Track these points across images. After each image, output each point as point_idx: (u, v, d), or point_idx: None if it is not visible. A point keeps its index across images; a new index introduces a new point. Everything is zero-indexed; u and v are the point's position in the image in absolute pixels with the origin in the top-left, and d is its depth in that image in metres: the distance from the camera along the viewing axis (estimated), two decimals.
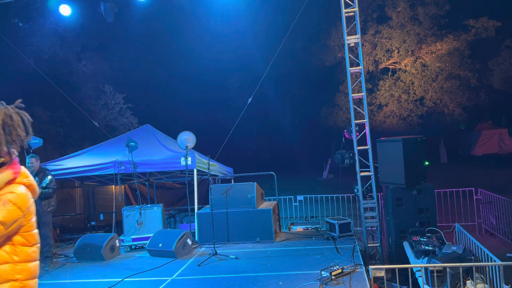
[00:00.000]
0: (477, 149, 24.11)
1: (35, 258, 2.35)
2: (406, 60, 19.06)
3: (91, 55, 17.96)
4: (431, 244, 5.69)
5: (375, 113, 19.78)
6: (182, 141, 8.09)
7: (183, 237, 6.95)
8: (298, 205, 10.91)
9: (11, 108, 2.31)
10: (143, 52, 22.56)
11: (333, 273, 5.12)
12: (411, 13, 18.05)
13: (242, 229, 7.45)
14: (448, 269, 4.41)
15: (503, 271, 4.19)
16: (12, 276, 2.21)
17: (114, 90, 18.14)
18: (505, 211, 8.90)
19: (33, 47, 14.93)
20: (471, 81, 18.62)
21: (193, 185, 8.36)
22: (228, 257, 6.51)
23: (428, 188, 6.87)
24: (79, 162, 8.77)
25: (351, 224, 7.54)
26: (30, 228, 2.32)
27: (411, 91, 19.05)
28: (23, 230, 2.28)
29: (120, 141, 9.44)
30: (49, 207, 6.86)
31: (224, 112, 23.41)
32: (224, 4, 10.43)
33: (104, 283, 5.67)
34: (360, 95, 7.79)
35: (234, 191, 7.61)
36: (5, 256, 2.21)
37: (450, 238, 6.75)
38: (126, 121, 18.36)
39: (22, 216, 2.25)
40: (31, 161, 6.85)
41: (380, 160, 7.27)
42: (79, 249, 7.10)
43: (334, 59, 20.30)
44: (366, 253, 7.22)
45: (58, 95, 12.26)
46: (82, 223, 10.76)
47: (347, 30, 7.62)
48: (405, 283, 5.23)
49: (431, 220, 6.77)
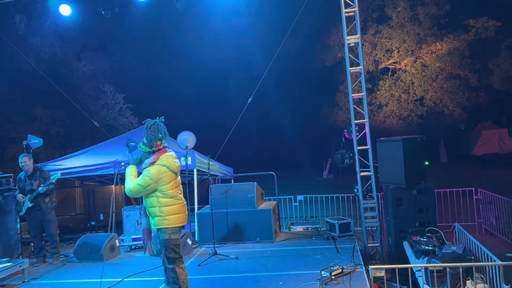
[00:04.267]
0: (477, 149, 24.12)
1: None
2: (406, 60, 19.05)
3: (91, 55, 17.96)
4: (431, 244, 5.69)
5: (375, 113, 19.77)
6: (182, 141, 8.09)
7: (183, 237, 6.95)
8: (298, 205, 10.91)
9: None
10: (143, 52, 22.57)
11: (333, 273, 5.12)
12: (411, 13, 18.04)
13: (242, 229, 7.46)
14: (448, 269, 4.41)
15: (503, 271, 4.19)
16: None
17: (114, 90, 18.15)
18: (505, 211, 8.90)
19: (33, 47, 14.93)
20: (471, 81, 18.61)
21: (193, 185, 8.36)
22: (228, 257, 6.52)
23: (428, 188, 6.87)
24: (79, 162, 8.77)
25: (351, 224, 7.54)
26: (166, 189, 4.39)
27: (411, 91, 19.04)
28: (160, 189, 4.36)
29: (120, 141, 9.43)
30: (51, 204, 7.04)
31: (224, 112, 23.38)
32: (225, 4, 10.44)
33: (104, 283, 5.67)
34: (360, 95, 7.79)
35: (234, 191, 7.61)
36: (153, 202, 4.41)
37: (450, 238, 6.75)
38: (126, 121, 18.38)
39: (153, 182, 4.32)
40: (24, 160, 6.93)
41: (380, 160, 7.28)
42: (79, 249, 7.10)
43: (334, 59, 20.29)
44: (366, 253, 7.22)
45: (58, 95, 12.26)
46: (82, 223, 10.75)
47: (347, 30, 7.62)
48: (405, 283, 5.23)
49: (431, 220, 6.77)
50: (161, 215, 4.36)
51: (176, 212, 4.42)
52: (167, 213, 4.36)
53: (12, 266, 5.87)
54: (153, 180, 4.30)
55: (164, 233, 4.36)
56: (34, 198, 6.86)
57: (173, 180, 4.45)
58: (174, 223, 4.39)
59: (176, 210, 4.42)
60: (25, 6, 9.02)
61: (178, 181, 4.59)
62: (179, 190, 4.56)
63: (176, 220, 4.41)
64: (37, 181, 6.89)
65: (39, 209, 6.89)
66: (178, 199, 4.47)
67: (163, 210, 4.36)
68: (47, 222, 6.95)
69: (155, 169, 4.32)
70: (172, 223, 4.38)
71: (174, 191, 4.45)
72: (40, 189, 6.79)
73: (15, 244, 7.23)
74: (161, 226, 4.37)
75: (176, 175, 4.52)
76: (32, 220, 6.99)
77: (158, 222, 4.38)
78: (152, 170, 4.32)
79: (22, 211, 6.99)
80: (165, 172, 4.35)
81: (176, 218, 4.41)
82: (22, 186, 6.95)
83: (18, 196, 6.93)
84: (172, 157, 4.46)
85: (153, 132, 4.43)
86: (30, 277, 6.15)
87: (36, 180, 6.90)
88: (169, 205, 4.38)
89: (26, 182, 6.93)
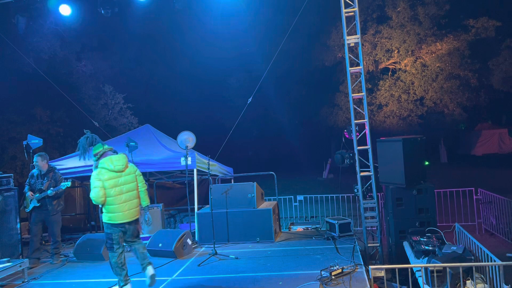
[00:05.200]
0: (477, 149, 24.14)
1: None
2: (406, 60, 19.04)
3: (91, 55, 17.94)
4: (431, 244, 5.70)
5: (375, 113, 19.77)
6: (182, 141, 8.09)
7: (183, 237, 6.95)
8: (298, 205, 10.91)
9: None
10: (143, 51, 22.56)
11: (333, 273, 5.12)
12: (411, 13, 18.04)
13: (242, 229, 7.45)
14: (448, 269, 4.41)
15: (503, 271, 4.19)
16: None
17: (114, 90, 18.13)
18: (505, 211, 8.90)
19: (33, 47, 14.93)
20: (471, 81, 18.61)
21: (193, 185, 8.35)
22: (228, 257, 6.52)
23: (428, 188, 6.87)
24: (79, 162, 8.72)
25: (351, 224, 7.54)
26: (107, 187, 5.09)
27: (411, 91, 19.04)
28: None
29: (120, 141, 9.42)
30: (58, 206, 7.07)
31: (224, 112, 23.38)
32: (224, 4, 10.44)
33: (104, 283, 5.67)
34: (360, 95, 7.79)
35: (234, 191, 7.61)
36: None
37: (450, 238, 6.75)
38: (126, 121, 18.35)
39: (101, 181, 5.07)
40: (36, 160, 6.91)
41: (380, 160, 7.28)
42: (79, 249, 7.11)
43: (334, 59, 20.29)
44: (366, 253, 7.22)
45: (58, 95, 12.25)
46: (82, 223, 10.76)
47: (347, 30, 7.62)
48: (405, 283, 5.23)
49: (431, 220, 6.78)
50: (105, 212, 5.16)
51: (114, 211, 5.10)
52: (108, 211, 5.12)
53: (12, 266, 5.88)
54: (98, 179, 5.03)
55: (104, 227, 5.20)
56: (42, 199, 6.86)
57: (113, 179, 5.08)
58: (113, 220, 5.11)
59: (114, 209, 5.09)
60: (25, 6, 9.02)
61: (123, 180, 5.16)
62: (121, 191, 5.14)
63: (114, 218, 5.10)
64: (48, 182, 6.89)
65: (45, 209, 6.90)
66: (116, 199, 5.07)
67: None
68: (51, 223, 6.97)
69: (97, 171, 5.11)
70: (111, 220, 5.10)
71: (115, 190, 5.09)
72: (49, 192, 6.79)
73: (15, 244, 7.22)
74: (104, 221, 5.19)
75: (118, 175, 5.14)
76: (35, 218, 6.97)
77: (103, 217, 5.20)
78: (94, 172, 5.13)
79: (29, 207, 6.97)
80: (106, 173, 5.07)
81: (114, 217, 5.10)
82: (33, 183, 6.96)
83: (28, 192, 6.92)
84: (111, 159, 5.14)
85: (91, 144, 5.28)
86: (30, 277, 6.15)
87: (47, 181, 6.90)
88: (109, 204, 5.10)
89: (38, 180, 6.93)
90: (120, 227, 5.12)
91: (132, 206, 5.18)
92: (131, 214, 5.17)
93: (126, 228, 5.16)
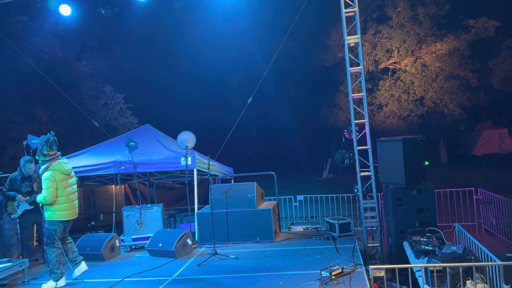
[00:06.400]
0: (477, 149, 24.10)
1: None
2: (406, 60, 19.05)
3: (91, 55, 17.96)
4: (431, 244, 5.70)
5: (375, 113, 19.78)
6: (182, 141, 8.09)
7: (183, 237, 6.95)
8: (298, 205, 10.92)
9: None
10: (143, 51, 22.56)
11: (333, 273, 5.12)
12: (411, 13, 18.05)
13: (242, 229, 7.45)
14: (448, 269, 4.41)
15: (503, 271, 4.19)
16: None
17: (114, 90, 18.14)
18: (505, 211, 8.91)
19: (33, 47, 14.93)
20: (471, 81, 18.61)
21: (193, 185, 8.35)
22: (228, 257, 6.52)
23: (428, 188, 6.87)
24: (79, 162, 8.75)
25: (351, 224, 7.54)
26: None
27: (411, 91, 19.04)
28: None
29: (120, 141, 9.42)
30: None
31: (224, 112, 23.37)
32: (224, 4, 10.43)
33: (104, 283, 5.67)
34: (360, 95, 7.79)
35: (234, 191, 7.60)
36: None
37: (450, 238, 6.75)
38: (126, 121, 18.37)
39: (54, 182, 5.55)
40: (30, 166, 6.79)
41: (380, 160, 7.28)
42: (79, 249, 7.07)
43: (334, 59, 20.29)
44: (366, 253, 7.22)
45: (58, 95, 12.25)
46: (82, 223, 10.75)
47: (347, 30, 7.62)
48: (405, 283, 5.23)
49: (431, 220, 6.78)
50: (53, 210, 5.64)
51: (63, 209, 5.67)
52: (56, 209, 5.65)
53: (12, 266, 5.87)
54: (53, 180, 5.51)
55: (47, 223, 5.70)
56: (34, 201, 6.69)
57: (65, 181, 5.66)
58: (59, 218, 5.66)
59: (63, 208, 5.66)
60: (25, 6, 9.01)
61: (70, 182, 5.78)
62: (71, 191, 5.76)
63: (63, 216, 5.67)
64: (36, 183, 6.81)
65: (37, 211, 6.71)
66: (68, 198, 5.68)
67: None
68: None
69: (51, 173, 5.55)
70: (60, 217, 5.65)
71: (67, 191, 5.68)
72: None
73: (15, 244, 7.22)
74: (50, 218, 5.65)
75: (68, 177, 5.72)
76: (27, 222, 6.81)
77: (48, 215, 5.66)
78: (48, 173, 5.54)
79: (17, 213, 6.78)
80: (59, 175, 5.59)
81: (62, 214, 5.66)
82: (18, 187, 6.77)
83: (18, 196, 6.68)
84: (62, 163, 5.71)
85: (49, 145, 5.66)
86: (30, 277, 6.15)
87: (34, 182, 6.83)
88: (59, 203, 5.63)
89: (24, 184, 6.78)
90: (66, 223, 5.74)
91: (76, 204, 5.90)
92: (76, 212, 5.89)
93: (69, 224, 5.83)
